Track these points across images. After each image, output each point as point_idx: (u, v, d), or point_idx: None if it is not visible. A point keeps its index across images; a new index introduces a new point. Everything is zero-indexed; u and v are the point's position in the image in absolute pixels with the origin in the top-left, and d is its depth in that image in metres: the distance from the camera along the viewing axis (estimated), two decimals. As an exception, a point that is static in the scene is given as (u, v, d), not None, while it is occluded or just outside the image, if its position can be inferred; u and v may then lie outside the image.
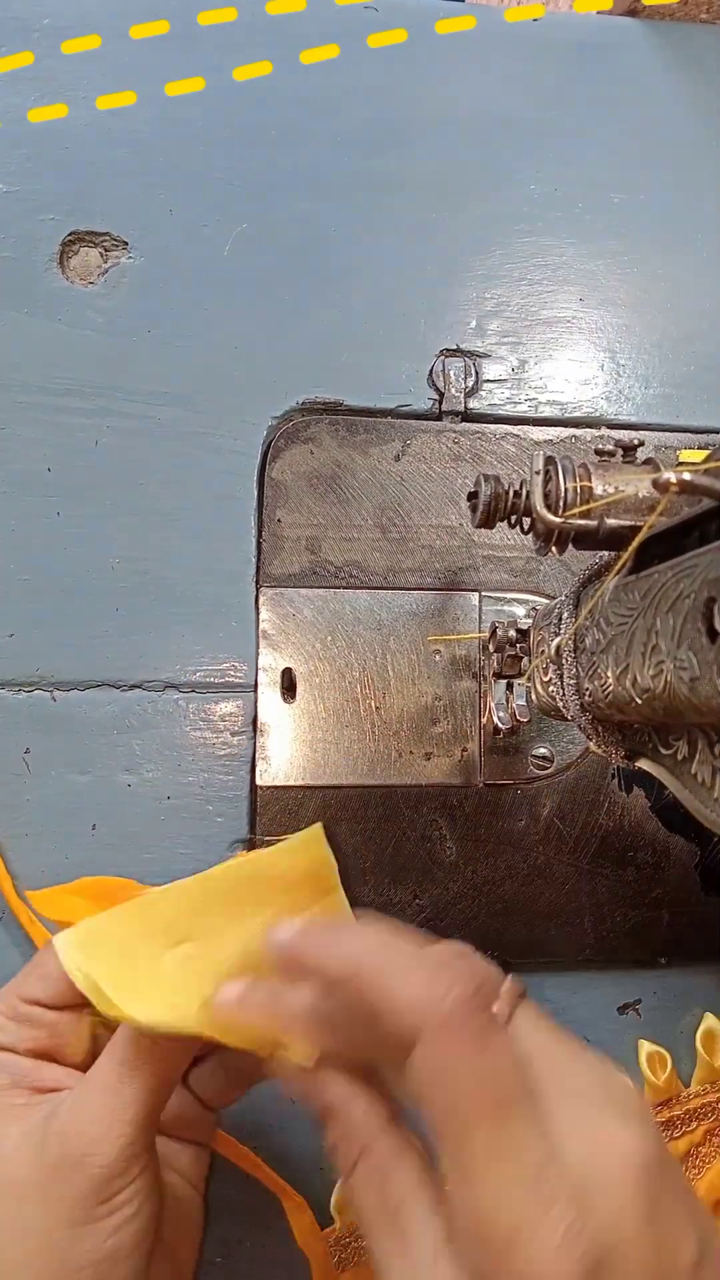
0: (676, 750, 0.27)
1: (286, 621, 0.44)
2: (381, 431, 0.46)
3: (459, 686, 0.45)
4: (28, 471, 0.44)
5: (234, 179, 0.47)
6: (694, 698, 0.22)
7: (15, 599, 0.43)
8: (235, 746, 0.44)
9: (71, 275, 0.45)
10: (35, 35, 0.46)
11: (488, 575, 0.46)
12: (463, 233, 0.49)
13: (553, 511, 0.31)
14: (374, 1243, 0.24)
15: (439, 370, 0.47)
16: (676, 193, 0.50)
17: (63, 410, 0.44)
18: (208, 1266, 0.41)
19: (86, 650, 0.43)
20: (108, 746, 0.43)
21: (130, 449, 0.44)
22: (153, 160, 0.46)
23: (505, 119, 0.49)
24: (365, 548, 0.45)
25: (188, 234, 0.46)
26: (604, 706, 0.30)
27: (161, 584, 0.44)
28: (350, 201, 0.48)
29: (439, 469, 0.46)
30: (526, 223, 0.49)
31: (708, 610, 0.21)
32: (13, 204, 0.45)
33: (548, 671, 0.34)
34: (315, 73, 0.48)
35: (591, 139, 0.50)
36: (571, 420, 0.48)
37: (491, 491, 0.36)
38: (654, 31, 0.51)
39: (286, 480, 0.45)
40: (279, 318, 0.46)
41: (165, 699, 0.43)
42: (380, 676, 0.45)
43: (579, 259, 0.49)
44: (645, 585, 0.25)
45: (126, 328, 0.45)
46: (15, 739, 0.42)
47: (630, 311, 0.49)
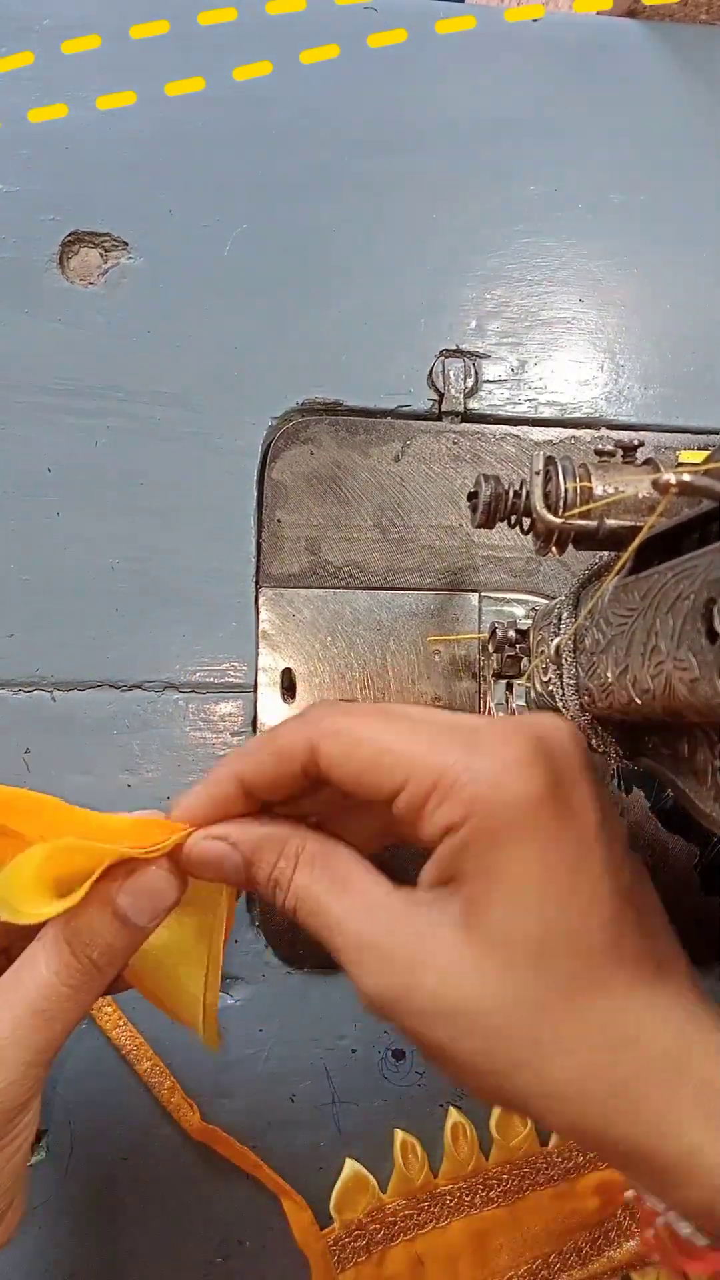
0: (677, 750, 0.27)
1: (286, 622, 0.44)
2: (381, 432, 0.46)
3: (459, 687, 0.45)
4: (28, 471, 0.44)
5: (234, 179, 0.47)
6: (694, 698, 0.22)
7: (15, 599, 0.43)
8: (235, 746, 0.44)
9: (71, 275, 0.45)
10: (35, 35, 0.46)
11: (487, 575, 0.46)
12: (463, 233, 0.48)
13: (553, 512, 0.31)
14: (328, 914, 0.25)
15: (439, 370, 0.47)
16: (676, 193, 0.50)
17: (63, 410, 0.44)
18: (207, 1267, 0.41)
19: (86, 650, 0.43)
20: (108, 746, 0.43)
21: (130, 449, 0.44)
22: (153, 160, 0.46)
23: (505, 119, 0.49)
24: (365, 548, 0.45)
25: (188, 234, 0.46)
26: (604, 707, 0.30)
27: (161, 584, 0.44)
28: (350, 201, 0.48)
29: (439, 469, 0.46)
30: (526, 223, 0.49)
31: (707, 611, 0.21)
32: (13, 204, 0.45)
33: (547, 672, 0.34)
34: (315, 73, 0.48)
35: (591, 139, 0.50)
36: (571, 421, 0.48)
37: (491, 492, 0.36)
38: (654, 32, 0.52)
39: (286, 480, 0.45)
40: (279, 318, 0.46)
41: (165, 699, 0.43)
42: (380, 677, 0.45)
43: (579, 259, 0.49)
44: (645, 586, 0.25)
45: (126, 328, 0.45)
46: (15, 739, 0.42)
47: (630, 311, 0.49)
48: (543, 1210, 0.42)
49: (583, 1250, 0.42)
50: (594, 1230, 0.42)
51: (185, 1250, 0.41)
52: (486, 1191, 0.42)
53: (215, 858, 0.27)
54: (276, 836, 0.27)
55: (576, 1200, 0.42)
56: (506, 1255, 0.41)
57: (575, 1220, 0.42)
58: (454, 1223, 0.41)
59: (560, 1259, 0.42)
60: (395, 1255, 0.41)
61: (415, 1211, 0.41)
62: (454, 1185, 0.42)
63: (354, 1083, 0.42)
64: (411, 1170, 0.41)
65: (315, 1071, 0.42)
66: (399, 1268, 0.40)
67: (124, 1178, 0.41)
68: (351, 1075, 0.42)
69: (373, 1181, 0.41)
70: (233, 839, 0.27)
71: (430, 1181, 0.42)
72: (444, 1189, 0.41)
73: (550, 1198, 0.42)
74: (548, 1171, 0.42)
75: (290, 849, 0.27)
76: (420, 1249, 0.41)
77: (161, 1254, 0.41)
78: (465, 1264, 0.41)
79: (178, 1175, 0.41)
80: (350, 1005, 0.42)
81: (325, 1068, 0.42)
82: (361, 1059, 0.42)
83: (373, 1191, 0.41)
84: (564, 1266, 0.41)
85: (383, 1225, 0.41)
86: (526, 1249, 0.41)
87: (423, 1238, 0.41)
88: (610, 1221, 0.42)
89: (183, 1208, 0.41)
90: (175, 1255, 0.41)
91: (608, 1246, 0.42)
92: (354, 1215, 0.41)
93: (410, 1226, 0.41)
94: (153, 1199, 0.41)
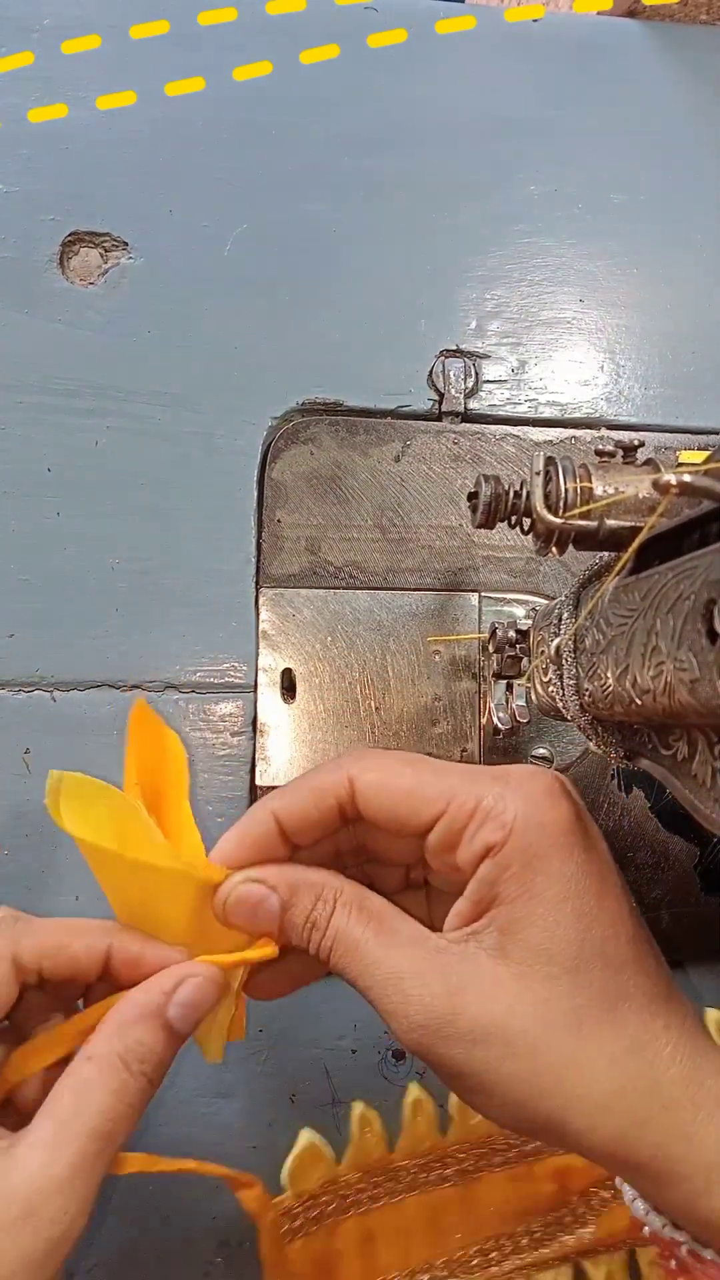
0: (676, 750, 0.27)
1: (286, 622, 0.44)
2: (381, 432, 0.46)
3: (459, 687, 0.45)
4: (28, 471, 0.44)
5: (234, 179, 0.47)
6: (694, 699, 0.22)
7: (15, 599, 0.43)
8: (235, 747, 0.44)
9: (71, 275, 0.45)
10: (35, 35, 0.46)
11: (487, 576, 0.46)
12: (463, 233, 0.48)
13: (553, 512, 0.31)
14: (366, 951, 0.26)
15: (439, 371, 0.47)
16: (676, 193, 0.50)
17: (63, 410, 0.44)
18: (207, 1267, 0.41)
19: (86, 650, 0.43)
20: (108, 746, 0.43)
21: (130, 449, 0.44)
22: (153, 160, 0.46)
23: (505, 119, 0.49)
24: (365, 548, 0.45)
25: (188, 234, 0.46)
26: (604, 707, 0.30)
27: (161, 584, 0.44)
28: (350, 201, 0.48)
29: (439, 469, 0.46)
30: (526, 223, 0.49)
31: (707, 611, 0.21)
32: (13, 204, 0.45)
33: (547, 672, 0.34)
34: (315, 73, 0.48)
35: (591, 139, 0.50)
36: (571, 421, 0.48)
37: (491, 492, 0.35)
38: (654, 32, 0.51)
39: (286, 480, 0.45)
40: (279, 318, 0.46)
41: (165, 699, 0.43)
42: (380, 677, 0.44)
43: (579, 259, 0.49)
44: (645, 586, 0.25)
45: (126, 328, 0.45)
46: (15, 739, 0.42)
47: (630, 312, 0.49)
48: (498, 1192, 0.41)
49: (536, 1234, 0.41)
50: (548, 1215, 0.42)
51: (185, 1250, 0.41)
52: (443, 1170, 0.41)
53: (255, 900, 0.27)
54: (313, 880, 0.28)
55: (533, 1184, 0.42)
56: (459, 1235, 0.41)
57: (530, 1204, 0.41)
58: (408, 1199, 0.41)
59: (512, 1242, 0.41)
60: (347, 1228, 0.40)
61: (370, 1186, 0.41)
62: (410, 1161, 0.41)
63: (354, 1083, 0.42)
64: (368, 1144, 0.41)
65: (315, 1071, 0.42)
66: (350, 1241, 0.40)
67: (123, 1177, 0.41)
68: (351, 1075, 0.42)
69: (328, 1153, 0.41)
70: (271, 881, 0.27)
71: (386, 1156, 0.41)
72: (400, 1165, 0.41)
73: (506, 1180, 0.42)
74: (505, 1153, 0.42)
75: (328, 893, 0.27)
76: (372, 1224, 0.40)
77: (161, 1254, 0.41)
78: (417, 1241, 0.40)
79: (178, 1176, 0.41)
80: (350, 1005, 0.42)
81: (325, 1068, 0.42)
82: (361, 1059, 0.42)
83: (328, 1163, 0.41)
84: (516, 1249, 0.41)
85: (335, 1198, 0.40)
86: (479, 1229, 0.41)
87: (376, 1212, 0.40)
88: (565, 1208, 0.42)
89: (183, 1208, 0.41)
90: (175, 1255, 0.41)
91: (561, 1232, 0.42)
92: (307, 1186, 0.40)
93: (364, 1200, 0.40)
94: (152, 1199, 0.41)
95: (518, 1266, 0.41)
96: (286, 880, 0.27)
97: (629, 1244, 0.42)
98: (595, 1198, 0.42)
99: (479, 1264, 0.41)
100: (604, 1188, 0.42)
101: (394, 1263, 0.40)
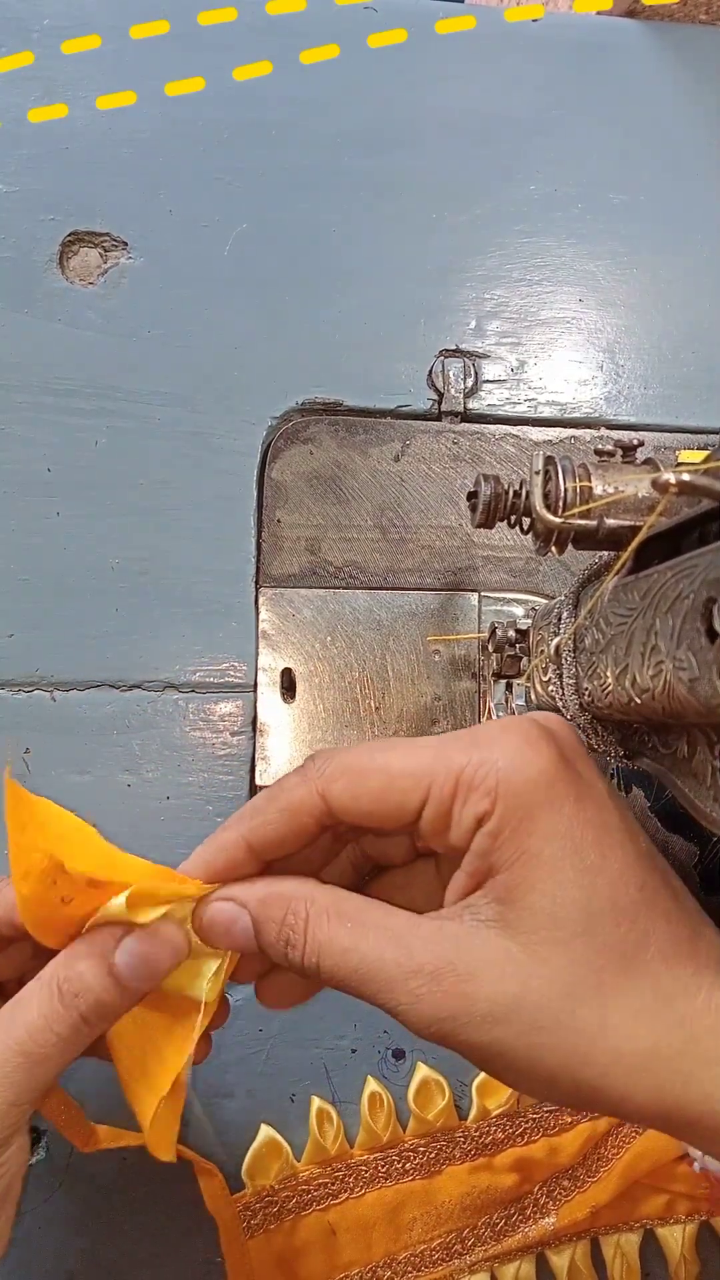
0: (676, 750, 0.27)
1: (286, 621, 0.44)
2: (381, 432, 0.46)
3: (458, 687, 0.45)
4: (28, 471, 0.44)
5: (234, 179, 0.47)
6: (693, 698, 0.22)
7: (15, 599, 0.43)
8: (235, 746, 0.44)
9: (71, 275, 0.45)
10: (35, 35, 0.46)
11: (487, 575, 0.46)
12: (463, 233, 0.48)
13: (552, 511, 0.31)
14: (357, 957, 0.25)
15: (438, 370, 0.47)
16: (676, 193, 0.50)
17: (63, 410, 0.44)
18: (205, 1266, 0.41)
19: (86, 650, 0.43)
20: (108, 746, 0.43)
21: (130, 449, 0.44)
22: (153, 160, 0.46)
23: (505, 119, 0.49)
24: (365, 548, 0.45)
25: (188, 234, 0.46)
26: (603, 706, 0.30)
27: (161, 584, 0.44)
28: (350, 201, 0.48)
29: (439, 469, 0.46)
30: (526, 223, 0.49)
31: (707, 611, 0.21)
32: (13, 204, 0.45)
33: (547, 671, 0.34)
34: (315, 73, 0.48)
35: (591, 139, 0.50)
36: (571, 421, 0.48)
37: (491, 491, 0.36)
38: (653, 32, 0.52)
39: (286, 480, 0.45)
40: (279, 318, 0.46)
41: (165, 699, 0.43)
42: (380, 677, 0.45)
43: (579, 259, 0.49)
44: (645, 585, 0.25)
45: (126, 328, 0.45)
46: (15, 739, 0.42)
47: (630, 312, 0.49)
48: (458, 1184, 0.41)
49: (497, 1226, 0.41)
50: (510, 1207, 0.42)
51: (185, 1250, 0.41)
52: (402, 1163, 0.41)
53: (227, 919, 0.26)
54: (280, 893, 0.26)
55: (493, 1176, 0.41)
56: (420, 1228, 0.41)
57: (491, 1196, 0.41)
58: (368, 1193, 0.40)
59: (474, 1234, 0.41)
60: (308, 1224, 0.40)
61: (329, 1180, 0.40)
62: (370, 1155, 0.41)
63: (354, 1083, 0.42)
64: (326, 1139, 0.41)
65: (315, 1071, 0.42)
66: (311, 1236, 0.40)
67: (123, 1177, 0.41)
68: (351, 1075, 0.42)
69: (287, 1148, 0.41)
70: (240, 899, 0.26)
71: (345, 1151, 0.41)
72: (359, 1159, 0.41)
73: (466, 1172, 0.41)
74: (464, 1145, 0.42)
75: (298, 904, 0.26)
76: (333, 1219, 0.40)
77: (161, 1254, 0.41)
78: (379, 1235, 0.40)
79: (177, 1175, 0.41)
80: (350, 1005, 0.42)
81: (325, 1068, 0.42)
82: (361, 1059, 0.42)
83: (286, 1158, 0.41)
84: (478, 1241, 0.41)
85: (295, 1193, 0.40)
86: (441, 1222, 0.41)
87: (336, 1208, 0.40)
88: (527, 1199, 0.42)
89: (183, 1208, 0.41)
90: (175, 1255, 0.41)
91: (523, 1223, 0.41)
92: (266, 1181, 0.40)
93: (324, 1195, 0.40)
94: (152, 1199, 0.41)
95: (481, 1258, 0.41)
96: (252, 895, 0.26)
97: (591, 1233, 0.42)
98: (556, 1187, 0.42)
99: (441, 1257, 0.41)
100: (565, 1177, 0.42)
101: (356, 1258, 0.40)
